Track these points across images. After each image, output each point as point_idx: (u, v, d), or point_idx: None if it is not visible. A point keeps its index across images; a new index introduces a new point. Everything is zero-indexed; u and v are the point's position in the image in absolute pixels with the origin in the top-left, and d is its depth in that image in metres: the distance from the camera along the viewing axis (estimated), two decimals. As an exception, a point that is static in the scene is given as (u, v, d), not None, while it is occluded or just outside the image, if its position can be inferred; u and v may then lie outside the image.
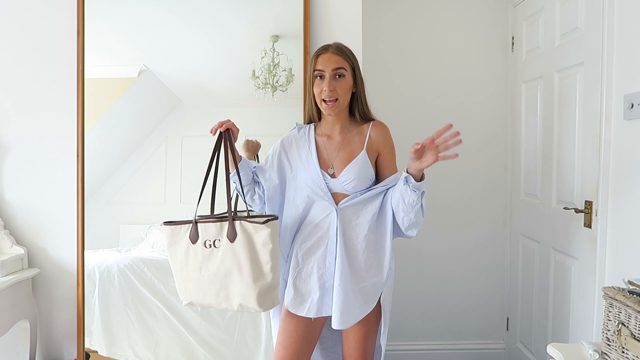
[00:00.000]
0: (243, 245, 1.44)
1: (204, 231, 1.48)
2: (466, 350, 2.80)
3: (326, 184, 1.54)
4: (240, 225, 1.45)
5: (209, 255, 1.47)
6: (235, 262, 1.44)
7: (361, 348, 1.55)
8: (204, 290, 1.48)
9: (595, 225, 1.86)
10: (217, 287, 1.46)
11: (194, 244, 1.49)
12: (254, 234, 1.44)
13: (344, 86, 1.54)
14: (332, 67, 1.52)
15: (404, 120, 2.72)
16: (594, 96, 1.86)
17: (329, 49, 1.56)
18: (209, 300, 1.49)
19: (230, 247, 1.44)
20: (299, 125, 1.67)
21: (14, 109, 2.11)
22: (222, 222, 1.47)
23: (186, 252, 1.50)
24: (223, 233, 1.46)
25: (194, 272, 1.48)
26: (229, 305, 1.47)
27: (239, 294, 1.44)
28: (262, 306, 1.45)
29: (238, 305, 1.46)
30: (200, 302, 1.51)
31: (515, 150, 2.67)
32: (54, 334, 2.16)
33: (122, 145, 2.24)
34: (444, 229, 2.78)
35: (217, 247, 1.46)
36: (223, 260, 1.45)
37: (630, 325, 1.26)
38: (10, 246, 2.04)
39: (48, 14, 2.09)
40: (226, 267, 1.45)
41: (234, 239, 1.44)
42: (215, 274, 1.46)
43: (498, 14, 2.73)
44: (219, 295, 1.47)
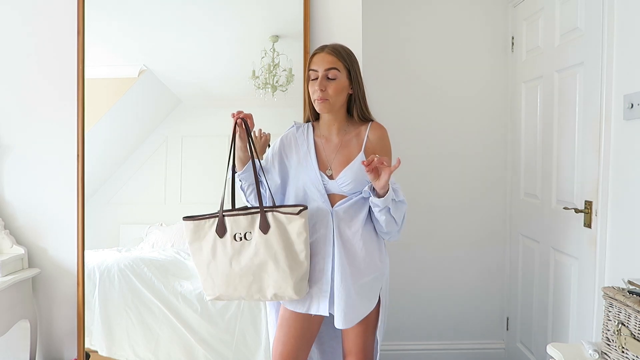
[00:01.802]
0: (277, 236, 1.43)
1: (233, 224, 1.46)
2: (466, 350, 2.80)
3: (324, 185, 1.55)
4: (272, 216, 1.44)
5: (240, 248, 1.45)
6: (270, 253, 1.43)
7: (361, 343, 1.56)
8: (235, 284, 1.46)
9: (595, 225, 1.86)
10: (250, 279, 1.45)
11: (221, 238, 1.46)
12: (287, 224, 1.44)
13: (335, 87, 1.53)
14: (325, 67, 1.52)
15: (404, 120, 2.73)
16: (594, 96, 1.86)
17: (325, 49, 1.56)
18: (239, 293, 1.47)
19: (263, 238, 1.43)
20: (297, 124, 1.67)
21: (14, 109, 2.11)
22: (252, 215, 1.45)
23: (213, 247, 1.47)
24: (255, 225, 1.45)
25: (224, 267, 1.46)
26: (262, 296, 1.47)
27: (274, 285, 1.44)
28: (299, 294, 1.46)
29: (272, 295, 1.45)
30: (230, 296, 1.49)
31: (515, 150, 2.67)
32: (54, 334, 2.16)
33: (122, 145, 2.24)
34: (443, 228, 2.78)
35: (249, 239, 1.45)
36: (257, 252, 1.44)
37: (630, 325, 1.26)
38: (10, 246, 2.04)
39: (48, 14, 2.09)
40: (260, 259, 1.43)
41: (267, 230, 1.43)
42: (248, 266, 1.44)
43: (498, 14, 2.73)
44: (251, 288, 1.46)
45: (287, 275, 1.43)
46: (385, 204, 1.47)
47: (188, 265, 2.16)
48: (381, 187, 1.44)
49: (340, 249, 1.51)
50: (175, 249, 2.20)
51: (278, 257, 1.43)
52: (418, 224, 2.76)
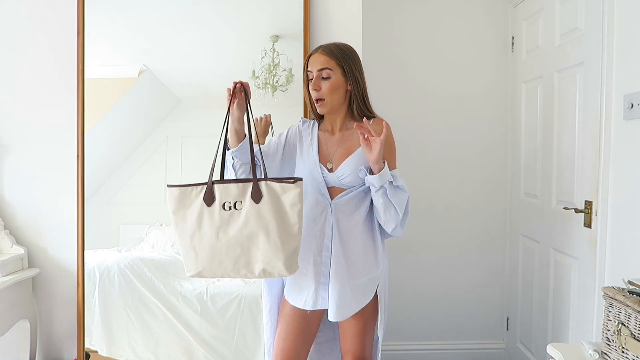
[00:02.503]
0: (270, 205, 1.35)
1: (223, 192, 1.38)
2: (466, 350, 2.80)
3: (324, 178, 1.55)
4: (266, 185, 1.37)
5: (229, 218, 1.37)
6: (261, 224, 1.35)
7: (359, 342, 1.56)
8: (220, 257, 1.37)
9: (595, 225, 1.86)
10: (237, 252, 1.36)
11: (209, 207, 1.38)
12: (281, 194, 1.36)
13: (329, 86, 1.54)
14: (317, 68, 1.54)
15: (404, 120, 2.72)
16: (593, 96, 1.86)
17: (319, 49, 1.58)
18: (224, 268, 1.38)
19: (255, 208, 1.35)
20: (304, 119, 1.71)
21: (14, 109, 2.11)
22: (244, 183, 1.38)
23: (199, 216, 1.38)
24: (246, 194, 1.37)
25: (210, 238, 1.37)
26: (249, 271, 1.37)
27: (263, 259, 1.36)
28: (289, 270, 1.37)
29: (260, 270, 1.36)
30: (214, 271, 1.39)
31: (515, 150, 2.67)
32: (54, 334, 2.16)
33: (122, 145, 2.24)
34: (443, 228, 2.78)
35: (239, 209, 1.37)
36: (247, 223, 1.35)
37: (630, 325, 1.26)
38: (10, 246, 2.04)
39: (48, 14, 2.09)
40: (250, 230, 1.35)
41: (259, 199, 1.36)
42: (236, 238, 1.36)
43: (498, 14, 2.73)
44: (238, 262, 1.37)
45: (278, 248, 1.34)
46: (381, 182, 1.45)
47: (188, 265, 2.16)
48: (374, 160, 1.43)
49: (338, 242, 1.52)
50: (175, 249, 2.20)
51: (270, 229, 1.34)
52: (418, 224, 2.76)
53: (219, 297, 2.07)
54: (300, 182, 1.38)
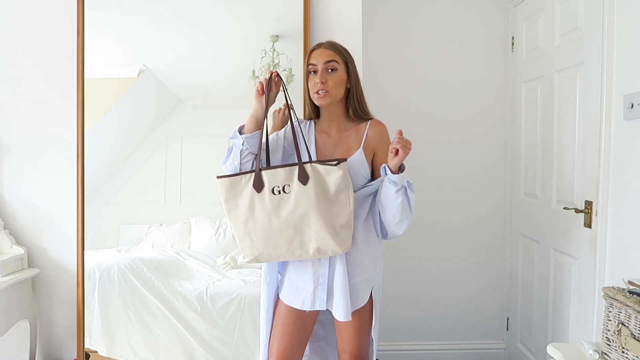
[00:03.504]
0: (316, 186, 1.41)
1: (271, 177, 1.43)
2: (466, 350, 2.80)
3: None
4: (311, 167, 1.43)
5: (279, 201, 1.42)
6: (310, 204, 1.40)
7: (356, 341, 1.57)
8: (275, 240, 1.43)
9: (595, 225, 1.86)
10: (291, 234, 1.42)
11: (259, 193, 1.43)
12: (325, 175, 1.43)
13: (335, 79, 1.55)
14: (324, 60, 1.54)
15: (404, 119, 2.72)
16: (594, 96, 1.86)
17: (322, 44, 1.59)
18: (279, 250, 1.44)
19: (303, 190, 1.41)
20: (299, 120, 1.69)
21: (14, 109, 2.11)
22: (290, 167, 1.43)
23: (251, 203, 1.44)
24: (293, 177, 1.42)
25: (263, 222, 1.43)
26: (304, 251, 1.43)
27: (316, 238, 1.41)
28: (342, 246, 1.43)
29: (315, 249, 1.42)
30: (270, 254, 1.45)
31: (515, 150, 2.67)
32: (54, 334, 2.16)
33: (122, 145, 2.24)
34: (443, 228, 2.78)
35: (287, 192, 1.43)
36: (297, 205, 1.41)
37: (630, 325, 1.26)
38: (10, 246, 2.04)
39: (48, 14, 2.09)
40: (301, 211, 1.41)
41: (306, 181, 1.41)
42: (288, 220, 1.41)
43: (498, 14, 2.73)
44: (292, 243, 1.43)
45: (328, 227, 1.40)
46: (402, 182, 1.47)
47: (188, 265, 2.16)
48: (395, 165, 1.46)
49: None
50: (175, 249, 2.20)
51: (319, 208, 1.40)
52: (417, 224, 2.76)
53: (219, 297, 2.07)
54: (344, 164, 1.45)
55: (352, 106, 1.61)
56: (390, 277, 2.62)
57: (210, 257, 2.20)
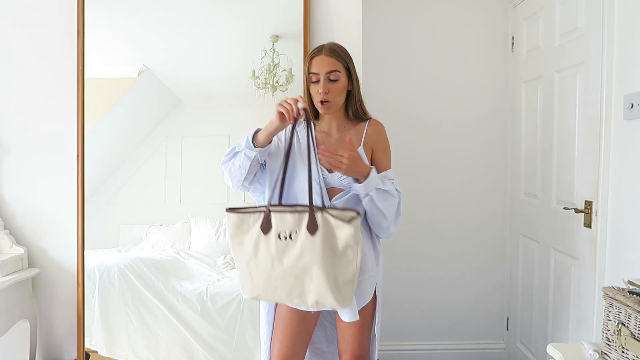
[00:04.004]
0: (324, 239, 1.32)
1: (278, 221, 1.36)
2: (466, 350, 2.80)
3: (323, 179, 1.56)
4: (322, 217, 1.34)
5: (284, 248, 1.35)
6: (315, 257, 1.32)
7: (357, 341, 1.57)
8: (275, 286, 1.37)
9: (595, 225, 1.86)
10: (292, 282, 1.35)
11: (265, 235, 1.37)
12: (335, 228, 1.34)
13: (338, 87, 1.55)
14: (326, 70, 1.53)
15: (404, 120, 2.73)
16: (594, 96, 1.86)
17: (323, 50, 1.56)
18: (278, 295, 1.39)
19: (310, 240, 1.33)
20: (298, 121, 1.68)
21: (14, 109, 2.11)
22: (300, 213, 1.35)
23: (256, 244, 1.38)
24: (302, 224, 1.34)
25: (265, 266, 1.37)
26: (302, 301, 1.37)
27: (316, 291, 1.34)
28: (342, 303, 1.36)
29: (313, 302, 1.36)
30: (269, 297, 1.41)
31: (515, 150, 2.67)
32: (54, 334, 2.16)
33: (122, 145, 2.24)
34: (443, 228, 2.78)
35: (294, 239, 1.35)
36: (301, 255, 1.33)
37: (630, 325, 1.26)
38: (10, 246, 2.04)
39: (48, 14, 2.09)
40: (305, 262, 1.33)
41: (315, 231, 1.33)
42: (291, 268, 1.34)
43: (498, 14, 2.73)
44: (292, 292, 1.37)
45: (330, 283, 1.33)
46: (366, 190, 1.46)
47: (188, 265, 2.16)
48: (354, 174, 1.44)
49: None
50: (175, 249, 2.20)
51: (323, 263, 1.32)
52: (417, 224, 2.76)
53: (219, 297, 2.07)
54: (357, 222, 1.34)
55: (352, 107, 1.61)
56: (390, 277, 2.63)
57: (210, 257, 2.20)
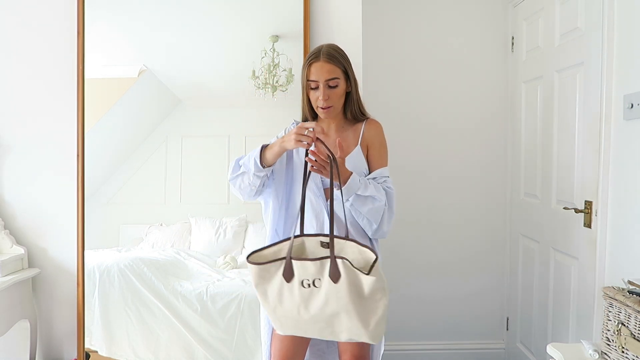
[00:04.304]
0: (349, 285, 1.28)
1: (300, 269, 1.32)
2: (466, 350, 2.80)
3: (321, 180, 1.56)
4: (343, 264, 1.30)
5: (309, 295, 1.31)
6: (341, 304, 1.28)
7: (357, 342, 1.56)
8: (305, 328, 1.36)
9: (595, 225, 1.86)
10: (322, 325, 1.33)
11: (288, 283, 1.33)
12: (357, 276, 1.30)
13: (337, 93, 1.55)
14: (325, 78, 1.52)
15: (404, 120, 2.73)
16: (594, 96, 1.86)
17: (320, 56, 1.53)
18: (310, 335, 1.38)
19: (334, 287, 1.28)
20: (297, 122, 1.69)
21: (14, 109, 2.11)
22: (322, 260, 1.31)
23: (279, 292, 1.34)
24: (324, 272, 1.30)
25: (292, 313, 1.34)
26: (336, 338, 1.36)
27: (348, 331, 1.32)
28: (375, 340, 1.33)
29: (347, 338, 1.34)
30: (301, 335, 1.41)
31: (515, 150, 2.67)
32: (54, 334, 2.16)
33: (122, 145, 2.24)
34: (443, 228, 2.78)
35: (318, 286, 1.31)
36: (327, 302, 1.30)
37: (630, 325, 1.26)
38: (10, 246, 2.04)
39: (48, 14, 2.09)
40: (332, 309, 1.30)
41: (337, 279, 1.28)
42: (318, 315, 1.31)
43: (498, 14, 2.73)
44: (323, 332, 1.35)
45: (360, 325, 1.30)
46: (346, 196, 1.47)
47: (188, 265, 2.16)
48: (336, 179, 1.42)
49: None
50: (175, 249, 2.20)
51: (350, 310, 1.28)
52: (417, 224, 2.76)
53: (219, 297, 2.07)
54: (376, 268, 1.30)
55: (350, 108, 1.62)
56: (390, 277, 2.62)
57: (210, 257, 2.20)
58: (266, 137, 1.73)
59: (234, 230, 2.21)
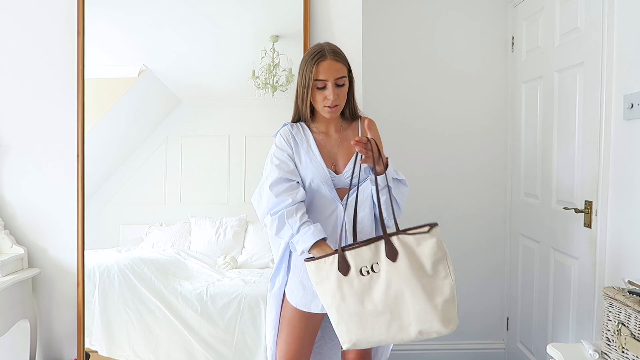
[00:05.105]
0: (409, 261, 1.27)
1: (356, 257, 1.31)
2: (466, 350, 2.80)
3: (332, 180, 1.55)
4: (398, 240, 1.30)
5: (369, 282, 1.29)
6: (404, 283, 1.26)
7: None
8: (371, 325, 1.29)
9: (595, 225, 1.86)
10: (388, 317, 1.28)
11: (346, 276, 1.31)
12: (416, 246, 1.30)
13: (344, 91, 1.56)
14: (335, 77, 1.52)
15: (404, 120, 2.73)
16: (593, 96, 1.86)
17: (327, 55, 1.52)
18: (378, 336, 1.30)
19: (393, 267, 1.27)
20: (290, 124, 1.66)
21: (14, 109, 2.11)
22: (375, 243, 1.30)
23: (339, 287, 1.31)
24: (380, 254, 1.30)
25: (355, 307, 1.30)
26: (405, 335, 1.29)
27: (417, 319, 1.27)
28: (447, 326, 1.27)
29: (417, 332, 1.28)
30: (368, 340, 1.31)
31: (515, 151, 2.67)
32: (54, 334, 2.16)
33: (122, 145, 2.24)
34: (443, 228, 2.76)
35: (377, 271, 1.29)
36: (389, 284, 1.27)
37: (630, 325, 1.26)
38: (10, 246, 2.04)
39: (48, 14, 2.09)
40: (395, 291, 1.27)
41: (395, 257, 1.28)
42: (383, 302, 1.28)
43: (498, 14, 2.73)
44: (391, 327, 1.29)
45: (428, 305, 1.26)
46: (386, 181, 1.45)
47: (188, 265, 2.16)
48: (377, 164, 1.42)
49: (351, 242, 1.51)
50: (175, 249, 2.20)
51: (415, 286, 1.26)
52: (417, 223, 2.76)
53: (219, 297, 2.07)
54: (437, 229, 1.31)
55: (349, 107, 1.62)
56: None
57: (210, 257, 2.20)
58: (266, 137, 1.74)
59: (234, 230, 2.21)
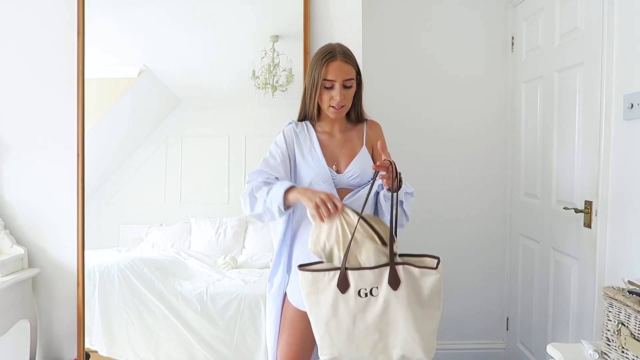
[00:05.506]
0: (409, 291, 1.30)
1: (357, 279, 1.31)
2: (466, 350, 2.80)
3: (333, 180, 1.55)
4: (403, 269, 1.31)
5: (365, 304, 1.31)
6: (400, 311, 1.29)
7: None
8: (358, 343, 1.32)
9: (595, 225, 1.86)
10: (376, 337, 1.31)
11: (343, 294, 1.31)
12: (420, 277, 1.32)
13: (351, 93, 1.56)
14: (343, 78, 1.52)
15: (404, 120, 2.73)
16: (593, 96, 1.86)
17: (337, 55, 1.52)
18: (361, 354, 1.33)
19: (393, 294, 1.30)
20: (295, 122, 1.66)
21: (14, 109, 2.11)
22: (380, 268, 1.31)
23: (334, 303, 1.31)
24: (382, 279, 1.30)
25: (346, 324, 1.31)
26: (387, 357, 1.33)
27: (403, 345, 1.31)
28: (428, 355, 1.33)
29: (400, 356, 1.32)
30: (351, 356, 1.34)
31: (515, 150, 2.67)
32: (54, 334, 2.16)
33: (122, 145, 2.24)
34: (443, 228, 2.78)
35: (375, 295, 1.31)
36: (385, 310, 1.30)
37: (630, 325, 1.26)
38: (10, 246, 2.04)
39: (48, 14, 2.09)
40: (389, 317, 1.30)
41: (397, 286, 1.30)
42: (374, 324, 1.31)
43: (498, 14, 2.73)
44: (376, 347, 1.32)
45: (417, 335, 1.31)
46: (399, 198, 1.47)
47: (188, 265, 2.16)
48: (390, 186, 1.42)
49: None
50: (175, 249, 2.20)
51: (409, 315, 1.30)
52: (418, 224, 2.76)
53: (219, 297, 2.07)
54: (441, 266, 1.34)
55: (355, 109, 1.63)
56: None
57: (210, 257, 2.20)
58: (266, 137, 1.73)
59: (234, 230, 2.21)
